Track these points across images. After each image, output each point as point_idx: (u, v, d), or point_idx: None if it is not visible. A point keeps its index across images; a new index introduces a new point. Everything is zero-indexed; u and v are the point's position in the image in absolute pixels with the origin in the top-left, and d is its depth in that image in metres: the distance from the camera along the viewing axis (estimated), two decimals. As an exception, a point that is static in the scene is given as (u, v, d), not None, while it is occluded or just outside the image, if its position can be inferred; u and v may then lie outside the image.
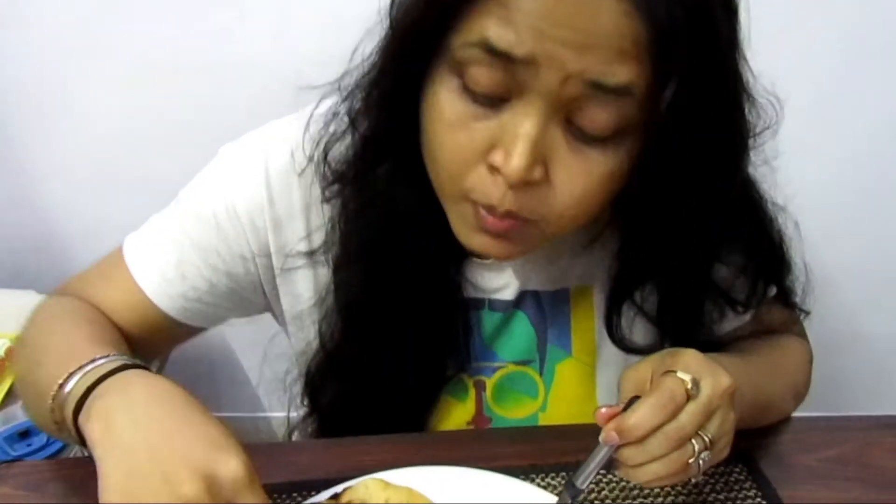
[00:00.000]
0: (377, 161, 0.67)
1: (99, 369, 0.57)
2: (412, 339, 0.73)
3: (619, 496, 0.68)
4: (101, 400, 0.54)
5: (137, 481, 0.48)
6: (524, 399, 0.81)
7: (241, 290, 0.76)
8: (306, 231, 0.73)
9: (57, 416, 0.58)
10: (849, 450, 0.74)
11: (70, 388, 0.57)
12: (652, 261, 0.69)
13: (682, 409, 0.56)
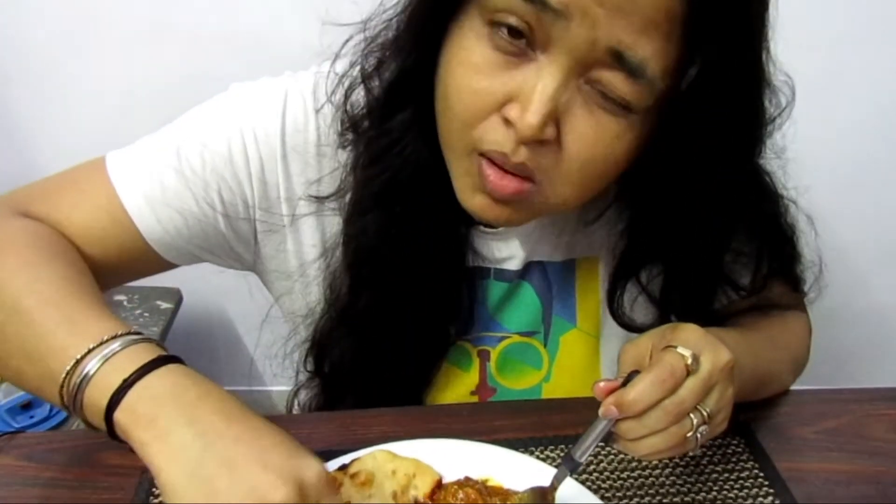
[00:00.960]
0: (397, 107, 0.66)
1: (123, 359, 0.54)
2: (417, 301, 0.73)
3: (617, 468, 0.69)
4: (152, 409, 0.51)
5: (221, 495, 0.47)
6: (528, 370, 0.81)
7: (231, 238, 0.73)
8: (318, 174, 0.72)
9: (67, 396, 0.55)
10: (846, 422, 0.75)
11: (89, 373, 0.53)
12: (658, 241, 0.69)
13: (681, 384, 0.56)
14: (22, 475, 0.68)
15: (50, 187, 0.72)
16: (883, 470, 0.69)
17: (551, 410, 0.76)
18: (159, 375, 0.53)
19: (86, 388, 0.53)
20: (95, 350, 0.54)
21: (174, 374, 0.54)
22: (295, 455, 0.50)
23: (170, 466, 0.48)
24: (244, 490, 0.47)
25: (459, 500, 0.63)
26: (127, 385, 0.52)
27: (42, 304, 0.59)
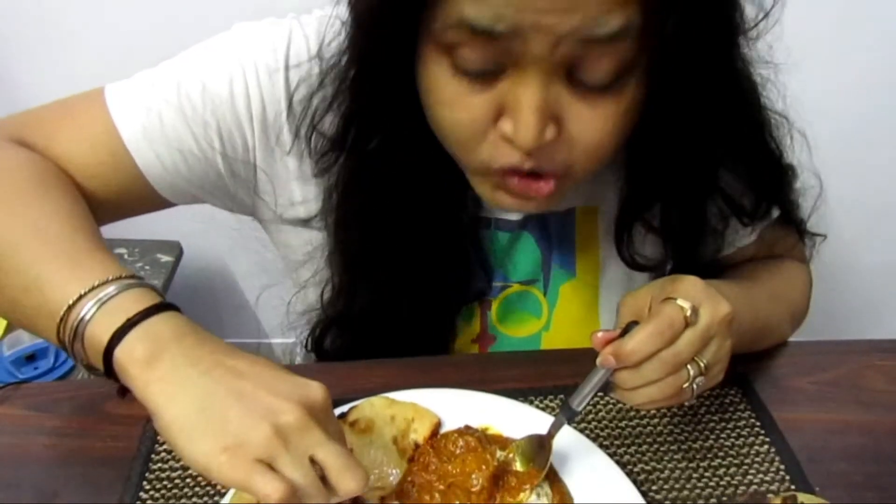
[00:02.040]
0: (366, 137, 0.65)
1: (124, 301, 0.53)
2: (421, 272, 0.73)
3: (615, 417, 0.70)
4: (154, 349, 0.51)
5: (233, 423, 0.47)
6: (528, 318, 0.82)
7: (230, 180, 0.72)
8: (298, 199, 0.72)
9: (66, 337, 0.55)
10: (844, 373, 0.75)
11: (88, 314, 0.53)
12: (660, 180, 0.69)
13: (679, 336, 0.56)
14: (27, 424, 0.69)
15: (46, 117, 0.70)
16: (878, 420, 0.70)
17: (551, 361, 0.77)
18: (161, 319, 0.53)
19: (84, 330, 0.53)
20: (92, 293, 0.54)
21: (175, 319, 0.54)
22: (299, 381, 0.51)
23: (174, 405, 0.49)
24: (257, 415, 0.47)
25: (459, 448, 0.64)
26: (128, 326, 0.52)
27: (40, 238, 0.58)
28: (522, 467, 0.63)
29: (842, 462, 0.66)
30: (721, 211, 0.73)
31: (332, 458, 0.48)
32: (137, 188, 0.70)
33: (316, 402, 0.50)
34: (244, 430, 0.47)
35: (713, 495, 0.63)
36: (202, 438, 0.47)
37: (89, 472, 0.65)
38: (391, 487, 0.62)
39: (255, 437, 0.47)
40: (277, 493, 0.45)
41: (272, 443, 0.47)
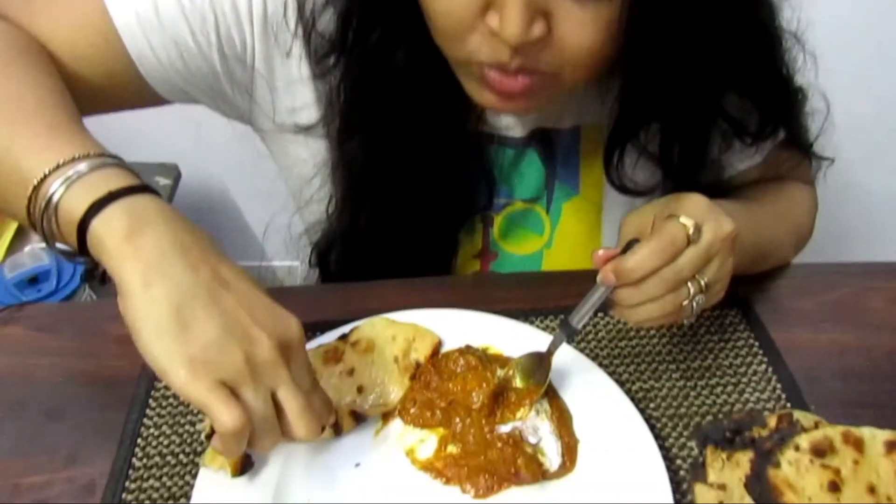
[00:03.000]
0: (365, 33, 0.63)
1: (101, 179, 0.49)
2: (424, 194, 0.72)
3: (614, 337, 0.70)
4: (136, 223, 0.47)
5: (207, 338, 0.45)
6: (530, 235, 0.81)
7: (227, 82, 0.70)
8: (298, 104, 0.70)
9: (35, 212, 0.51)
10: (845, 294, 0.75)
11: (56, 194, 0.49)
12: (660, 95, 0.67)
13: (680, 253, 0.56)
14: (32, 344, 0.70)
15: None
16: (876, 342, 0.70)
17: (552, 282, 0.77)
18: (145, 198, 0.49)
19: (57, 202, 0.49)
20: (66, 166, 0.50)
21: (160, 201, 0.50)
22: (279, 314, 0.49)
23: (148, 291, 0.45)
24: (233, 338, 0.46)
25: (460, 366, 0.65)
26: (110, 198, 0.48)
27: (13, 111, 0.55)
28: (522, 384, 0.63)
29: (838, 381, 0.66)
30: (724, 134, 0.72)
31: (293, 400, 0.48)
32: (127, 78, 0.67)
33: (291, 340, 0.49)
34: (216, 349, 0.45)
35: (710, 413, 0.64)
36: (169, 339, 0.45)
37: (95, 392, 0.66)
38: (393, 405, 0.63)
39: (226, 361, 0.45)
40: (234, 421, 0.44)
41: (241, 371, 0.46)
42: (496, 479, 0.58)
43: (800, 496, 0.44)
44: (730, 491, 0.49)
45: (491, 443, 0.60)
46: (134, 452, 0.60)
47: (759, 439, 0.50)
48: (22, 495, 0.57)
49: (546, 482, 0.58)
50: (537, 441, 0.61)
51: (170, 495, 0.58)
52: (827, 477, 0.44)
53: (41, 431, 0.62)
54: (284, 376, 0.48)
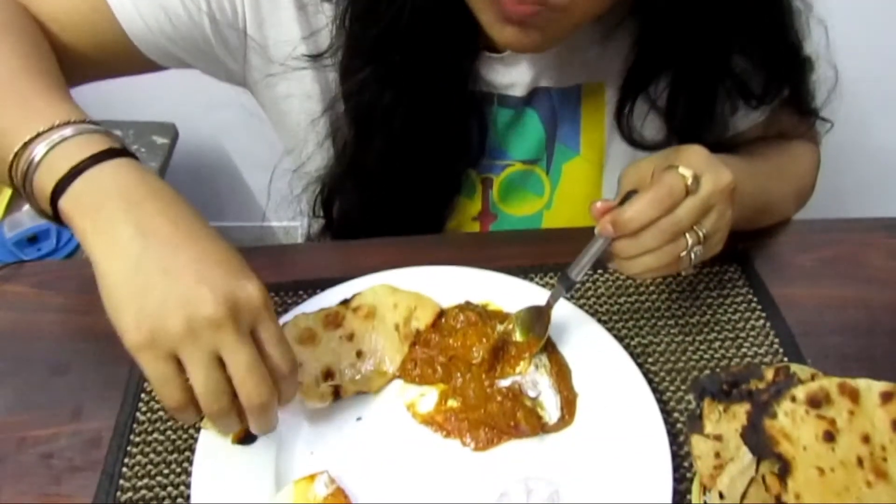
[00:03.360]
0: None
1: (73, 146, 0.51)
2: (424, 137, 0.71)
3: (613, 293, 0.71)
4: (97, 199, 0.49)
5: (152, 302, 0.46)
6: (530, 197, 0.81)
7: (219, 47, 0.69)
8: (304, 33, 0.68)
9: (17, 180, 0.52)
10: (845, 250, 0.76)
11: (36, 157, 0.51)
12: (669, 50, 0.66)
13: (679, 204, 0.55)
14: (34, 301, 0.70)
15: None
16: (875, 296, 0.71)
17: (552, 239, 0.77)
18: (110, 167, 0.50)
19: (33, 173, 0.51)
20: (44, 134, 0.51)
21: (125, 168, 0.51)
22: (235, 274, 0.48)
23: (107, 262, 0.47)
24: (176, 300, 0.45)
25: (460, 322, 0.65)
26: (75, 173, 0.49)
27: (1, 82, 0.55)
28: (522, 337, 0.64)
29: (836, 336, 0.67)
30: (729, 95, 0.71)
31: (238, 365, 0.47)
32: (119, 46, 0.67)
33: (244, 302, 0.47)
34: (160, 315, 0.45)
35: (708, 367, 0.64)
36: (125, 310, 0.46)
37: (99, 348, 0.66)
38: (391, 376, 0.63)
39: (167, 326, 0.45)
40: (171, 399, 0.46)
41: (179, 335, 0.45)
42: (496, 433, 0.59)
43: (795, 446, 0.44)
44: (726, 442, 0.50)
45: (491, 397, 0.61)
46: (138, 407, 0.61)
47: (756, 391, 0.50)
48: (28, 448, 0.58)
49: (545, 435, 0.59)
50: (537, 395, 0.61)
51: (174, 448, 0.58)
52: (822, 427, 0.45)
53: (46, 386, 0.63)
54: (230, 339, 0.46)
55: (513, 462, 0.57)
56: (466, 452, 0.58)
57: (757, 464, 0.46)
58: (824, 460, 0.44)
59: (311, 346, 0.63)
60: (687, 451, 0.57)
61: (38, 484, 0.56)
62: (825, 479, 0.44)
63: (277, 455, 0.57)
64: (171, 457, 0.58)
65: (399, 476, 0.57)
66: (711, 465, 0.50)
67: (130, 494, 0.56)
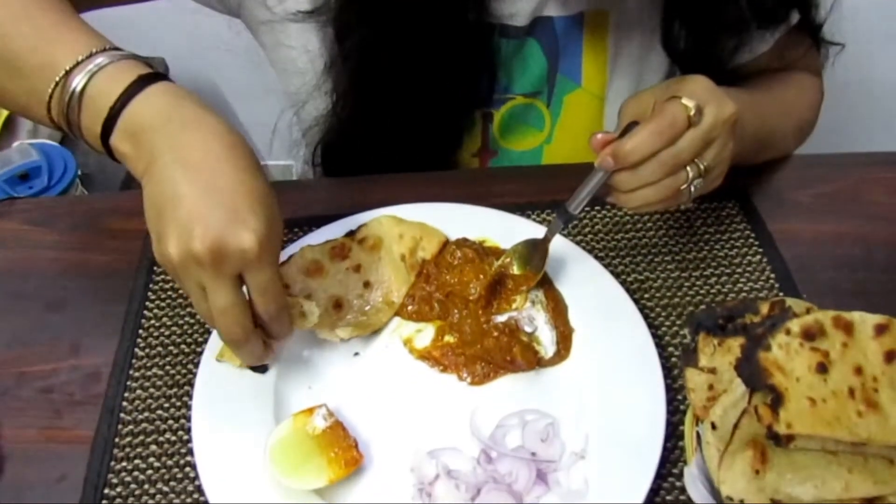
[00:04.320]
0: None
1: (110, 76, 0.51)
2: (426, 74, 0.69)
3: (610, 230, 0.70)
4: (141, 129, 0.50)
5: (161, 226, 0.48)
6: (530, 131, 0.80)
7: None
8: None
9: (56, 114, 0.53)
10: (844, 185, 0.75)
11: (77, 88, 0.51)
12: None
13: (680, 135, 0.54)
14: (28, 238, 0.70)
15: None
16: (873, 231, 0.70)
17: (550, 175, 0.76)
18: (149, 96, 0.51)
19: (76, 106, 0.51)
20: (81, 65, 0.51)
21: (163, 94, 0.51)
22: (235, 219, 0.48)
23: (147, 196, 0.49)
24: (174, 229, 0.47)
25: (457, 259, 0.65)
26: (117, 110, 0.50)
27: (15, 17, 0.55)
28: (519, 270, 0.64)
29: (832, 271, 0.67)
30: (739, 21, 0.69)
31: (213, 304, 0.48)
32: None
33: (233, 251, 0.47)
34: (161, 240, 0.48)
35: (703, 302, 0.65)
36: (151, 229, 0.49)
37: (95, 284, 0.66)
38: (396, 306, 0.63)
39: (166, 252, 0.47)
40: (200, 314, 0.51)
41: (175, 263, 0.47)
42: (492, 367, 0.60)
43: (788, 378, 0.45)
44: (719, 375, 0.51)
45: (487, 332, 0.61)
46: (136, 343, 0.61)
47: (751, 325, 0.51)
48: (28, 383, 0.59)
49: (541, 370, 0.60)
50: (533, 330, 0.62)
51: (174, 383, 0.59)
52: (815, 359, 0.45)
53: (43, 322, 0.63)
54: (207, 278, 0.48)
55: (509, 396, 0.58)
56: (463, 386, 0.59)
57: (749, 395, 0.47)
58: (816, 391, 0.45)
59: (319, 277, 0.63)
60: (681, 385, 0.58)
61: (39, 417, 0.57)
62: (816, 409, 0.44)
63: (276, 389, 0.57)
64: (170, 391, 0.58)
65: (396, 409, 0.58)
66: (704, 398, 0.50)
67: (132, 427, 0.56)
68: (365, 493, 0.53)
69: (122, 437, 0.56)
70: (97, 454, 0.55)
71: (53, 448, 0.55)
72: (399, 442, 0.55)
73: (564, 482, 0.52)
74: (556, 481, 0.52)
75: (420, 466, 0.53)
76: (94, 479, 0.53)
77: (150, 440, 0.56)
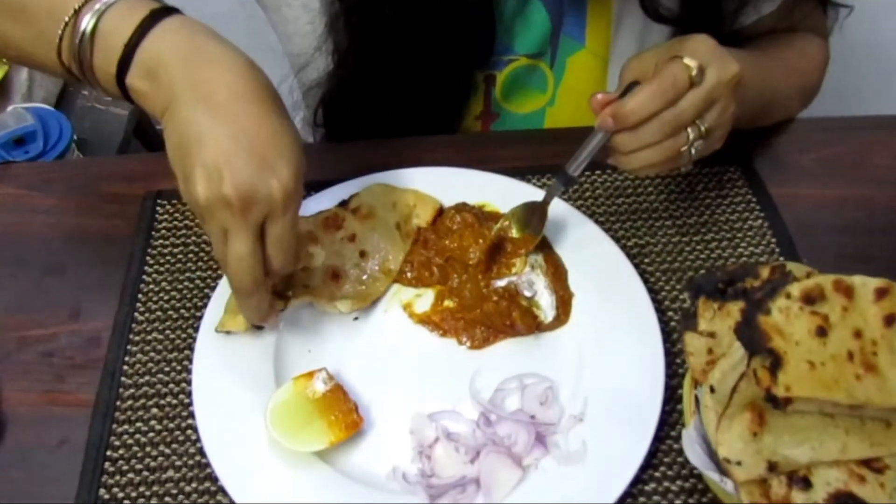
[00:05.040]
0: None
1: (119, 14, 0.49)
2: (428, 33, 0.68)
3: (611, 195, 0.70)
4: (157, 67, 0.48)
5: (188, 165, 0.47)
6: (533, 93, 0.79)
7: None
8: None
9: (66, 57, 0.52)
10: (847, 149, 0.74)
11: (88, 29, 0.49)
12: None
13: (682, 96, 0.54)
14: (23, 203, 0.69)
15: None
16: (875, 196, 0.70)
17: (550, 139, 0.75)
18: (164, 31, 0.49)
19: (87, 47, 0.50)
20: (90, 3, 0.50)
21: (177, 29, 0.50)
22: (264, 164, 0.47)
23: (168, 139, 0.49)
24: (201, 172, 0.47)
25: (456, 224, 0.65)
26: (132, 47, 0.49)
27: None
28: (518, 234, 0.64)
29: (833, 235, 0.67)
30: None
31: (231, 250, 0.48)
32: None
33: (261, 199, 0.47)
34: (190, 182, 0.47)
35: (703, 267, 0.64)
36: (181, 175, 0.48)
37: (92, 249, 0.66)
38: (394, 274, 0.63)
39: (194, 194, 0.47)
40: None
41: (202, 205, 0.47)
42: (492, 332, 0.60)
43: (787, 341, 0.45)
44: (719, 339, 0.51)
45: (487, 297, 0.61)
46: (136, 307, 0.61)
47: (751, 289, 0.50)
48: (29, 348, 0.59)
49: (541, 334, 0.60)
50: (532, 295, 0.62)
51: (174, 347, 0.59)
52: (815, 323, 0.45)
53: (42, 287, 0.63)
54: (232, 223, 0.47)
55: (508, 360, 0.58)
56: (462, 350, 0.59)
57: (749, 359, 0.47)
58: (815, 355, 0.45)
59: (314, 247, 0.62)
60: (680, 349, 0.58)
61: (40, 381, 0.57)
62: (815, 372, 0.44)
63: (276, 354, 0.58)
64: (170, 355, 0.59)
65: (396, 373, 0.58)
66: (703, 362, 0.51)
67: (132, 391, 0.57)
68: (365, 456, 0.53)
69: (124, 400, 0.56)
70: (98, 418, 0.55)
71: (55, 412, 0.56)
72: (399, 405, 0.55)
73: (563, 445, 0.53)
74: (554, 444, 0.53)
75: (420, 429, 0.54)
76: (95, 442, 0.54)
77: (151, 403, 0.56)
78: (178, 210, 0.68)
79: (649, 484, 0.52)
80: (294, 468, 0.51)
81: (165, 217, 0.68)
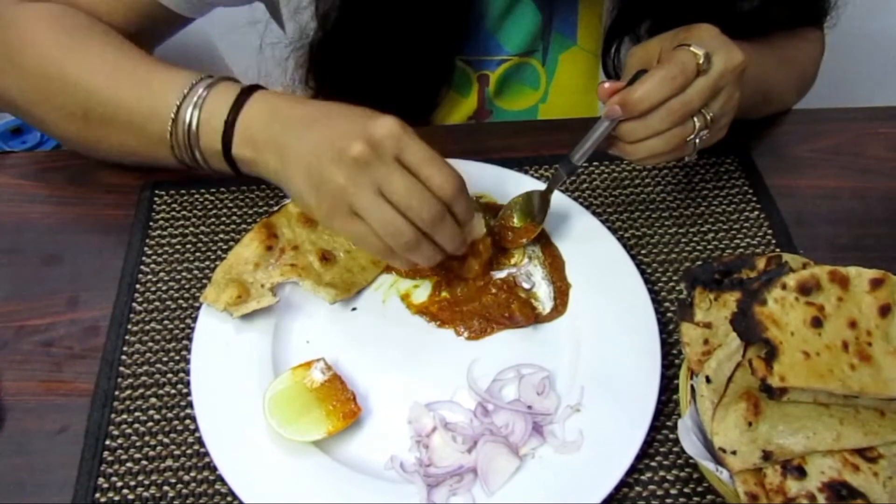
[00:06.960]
0: None
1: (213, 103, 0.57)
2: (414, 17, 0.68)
3: (609, 186, 0.70)
4: (259, 134, 0.56)
5: (315, 175, 0.52)
6: (525, 90, 0.79)
7: None
8: None
9: (180, 152, 0.60)
10: (842, 140, 0.75)
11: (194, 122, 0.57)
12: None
13: (690, 83, 0.53)
14: (21, 192, 0.69)
15: None
16: (872, 186, 0.70)
17: (546, 130, 0.75)
18: (255, 102, 0.57)
19: (196, 135, 0.58)
20: (186, 99, 0.57)
21: (268, 99, 0.57)
22: (362, 116, 0.52)
23: (289, 172, 0.54)
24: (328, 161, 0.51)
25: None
26: (230, 122, 0.56)
27: (109, 77, 0.60)
28: (520, 223, 0.64)
29: (829, 225, 0.67)
30: None
31: (397, 191, 0.51)
32: (155, 12, 0.68)
33: (383, 135, 0.50)
34: (323, 180, 0.51)
35: (700, 258, 0.65)
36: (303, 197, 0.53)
37: (90, 238, 0.66)
38: (382, 265, 0.63)
39: (332, 186, 0.51)
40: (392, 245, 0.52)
41: (344, 187, 0.50)
42: (490, 322, 0.60)
43: (783, 331, 0.45)
44: (715, 329, 0.51)
45: (485, 288, 0.61)
46: (134, 297, 0.61)
47: (747, 280, 0.51)
48: (27, 337, 0.59)
49: (539, 325, 0.60)
50: (531, 286, 0.62)
51: (172, 337, 0.59)
52: (810, 313, 0.45)
53: (40, 276, 0.63)
54: (380, 172, 0.50)
55: (506, 350, 0.59)
56: (460, 341, 0.60)
57: (744, 349, 0.47)
58: (810, 344, 0.45)
59: (310, 227, 0.63)
60: (676, 339, 0.59)
61: (39, 370, 0.57)
62: (810, 362, 0.45)
63: (274, 344, 0.58)
64: (169, 345, 0.59)
65: (394, 363, 0.58)
66: (699, 352, 0.51)
67: (131, 380, 0.57)
68: (363, 445, 0.53)
69: (122, 389, 0.56)
70: (97, 406, 0.55)
71: (54, 400, 0.56)
72: (397, 395, 0.56)
73: (560, 434, 0.53)
74: (551, 433, 0.53)
75: (418, 418, 0.54)
76: (94, 430, 0.54)
77: (150, 393, 0.56)
78: (175, 200, 0.68)
79: (645, 473, 0.53)
80: (292, 457, 0.52)
81: (163, 207, 0.68)
